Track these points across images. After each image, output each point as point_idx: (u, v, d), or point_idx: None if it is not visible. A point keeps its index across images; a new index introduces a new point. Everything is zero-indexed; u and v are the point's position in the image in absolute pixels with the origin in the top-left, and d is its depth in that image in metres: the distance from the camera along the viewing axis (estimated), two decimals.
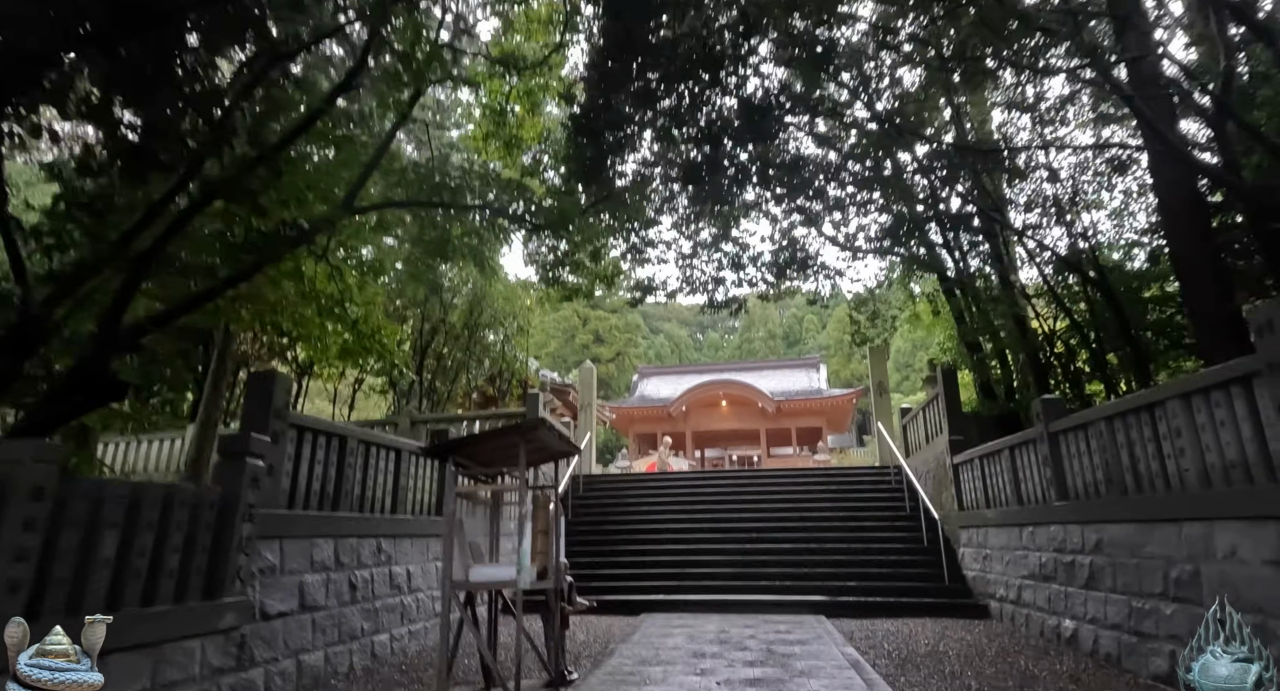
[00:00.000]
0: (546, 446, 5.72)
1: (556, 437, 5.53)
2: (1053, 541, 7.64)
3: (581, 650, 7.48)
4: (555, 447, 5.85)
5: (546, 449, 5.86)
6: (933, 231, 11.20)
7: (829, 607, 9.87)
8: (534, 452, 5.88)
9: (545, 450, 5.90)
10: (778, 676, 5.87)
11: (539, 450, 5.87)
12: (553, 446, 5.78)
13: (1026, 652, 6.97)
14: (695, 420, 35.43)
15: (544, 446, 5.72)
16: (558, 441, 5.63)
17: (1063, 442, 7.57)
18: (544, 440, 5.33)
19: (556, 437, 5.53)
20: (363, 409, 17.38)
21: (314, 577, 6.01)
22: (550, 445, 5.69)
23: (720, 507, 13.49)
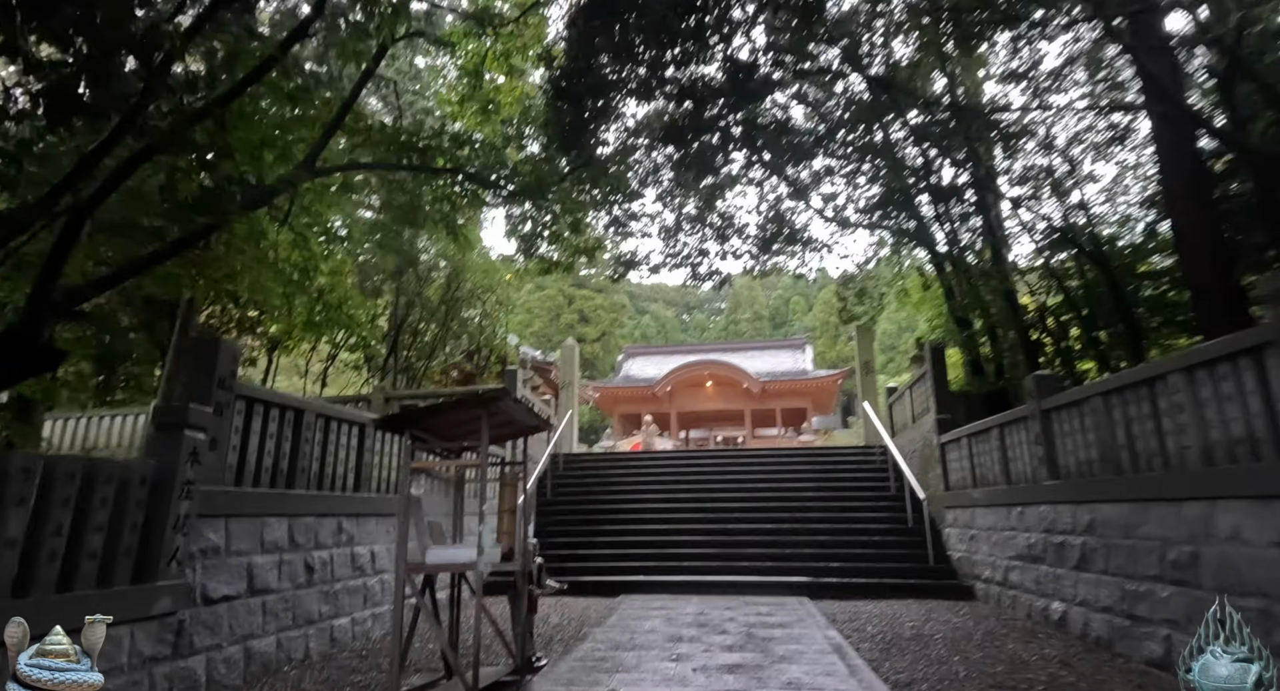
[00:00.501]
0: (513, 420, 5.35)
1: (524, 410, 5.16)
2: (1042, 522, 7.40)
3: (554, 633, 7.18)
4: (523, 421, 5.48)
5: (513, 423, 5.49)
6: (923, 205, 10.86)
7: (812, 589, 9.64)
8: (500, 427, 5.50)
9: (512, 424, 5.53)
10: (757, 662, 5.59)
11: (505, 424, 5.49)
12: (521, 420, 5.41)
13: (1014, 635, 6.74)
14: (680, 400, 35.19)
15: (511, 420, 5.35)
16: (526, 414, 5.26)
17: (1055, 420, 7.31)
18: (510, 412, 4.96)
19: (524, 410, 5.16)
20: (337, 385, 16.92)
21: (265, 559, 5.64)
22: (518, 418, 5.32)
23: (703, 487, 13.23)
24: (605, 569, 10.63)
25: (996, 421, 8.81)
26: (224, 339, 5.47)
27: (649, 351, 43.08)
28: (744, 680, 5.02)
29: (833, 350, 57.01)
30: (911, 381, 13.18)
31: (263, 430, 5.84)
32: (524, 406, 5.17)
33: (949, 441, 10.63)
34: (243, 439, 5.60)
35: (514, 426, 5.70)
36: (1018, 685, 4.98)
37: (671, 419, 35.13)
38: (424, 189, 8.95)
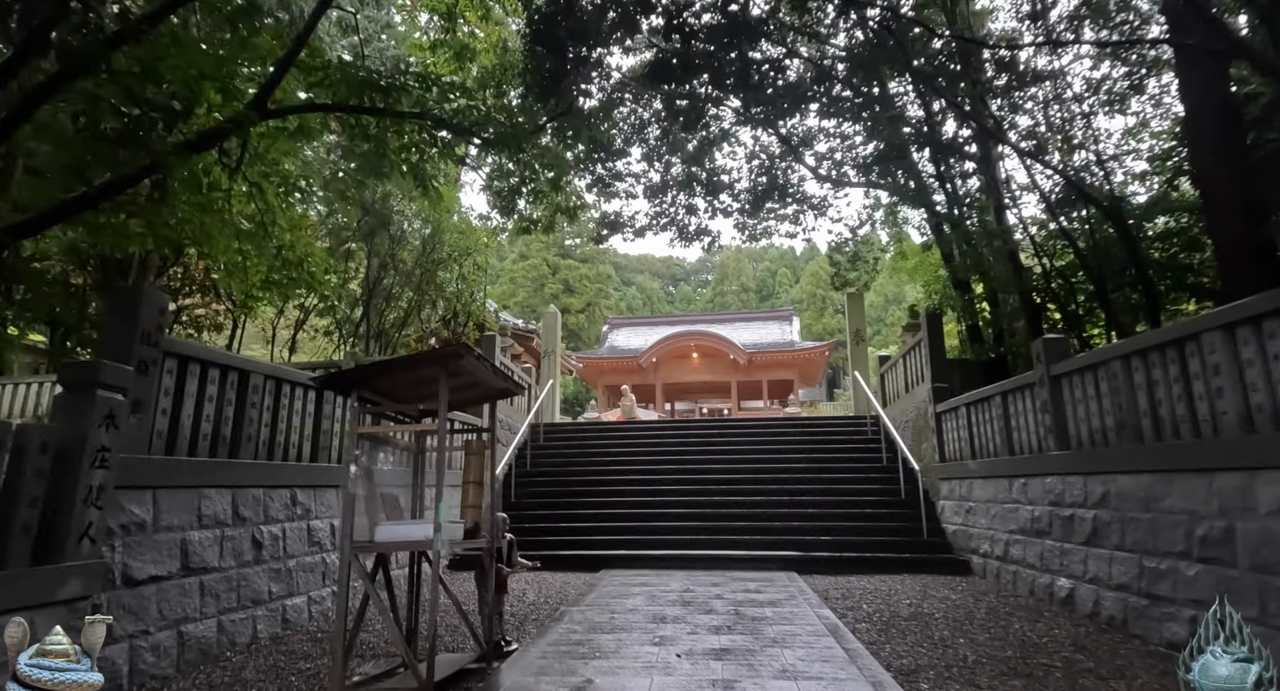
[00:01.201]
0: (480, 382, 4.78)
1: (490, 370, 4.59)
2: (1049, 494, 6.97)
3: (529, 612, 6.71)
4: (492, 384, 4.92)
5: (480, 385, 4.92)
6: (923, 162, 10.26)
7: (801, 563, 9.23)
8: (463, 389, 4.94)
9: (478, 386, 4.97)
10: (747, 645, 5.13)
11: (470, 387, 4.93)
12: (488, 382, 4.84)
13: (1019, 614, 6.34)
14: (665, 372, 34.73)
15: (476, 382, 4.78)
16: (492, 375, 4.68)
17: (1066, 386, 6.84)
18: (473, 372, 4.38)
19: (490, 370, 4.59)
20: (309, 352, 16.22)
21: (203, 534, 5.07)
22: (485, 380, 4.75)
23: (688, 458, 12.77)
24: (586, 542, 10.18)
25: (998, 389, 8.35)
26: (147, 286, 4.84)
27: (634, 322, 42.51)
28: (734, 667, 4.55)
29: (819, 323, 56.80)
30: (905, 350, 12.72)
31: (200, 393, 5.23)
32: (491, 366, 4.60)
33: (945, 411, 10.20)
34: (175, 402, 4.99)
35: (481, 389, 5.14)
36: (1032, 671, 4.54)
37: (657, 391, 34.71)
38: (390, 136, 8.21)
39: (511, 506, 11.39)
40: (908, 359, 12.42)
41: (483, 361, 4.39)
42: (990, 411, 8.59)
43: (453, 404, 5.32)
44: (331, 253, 14.33)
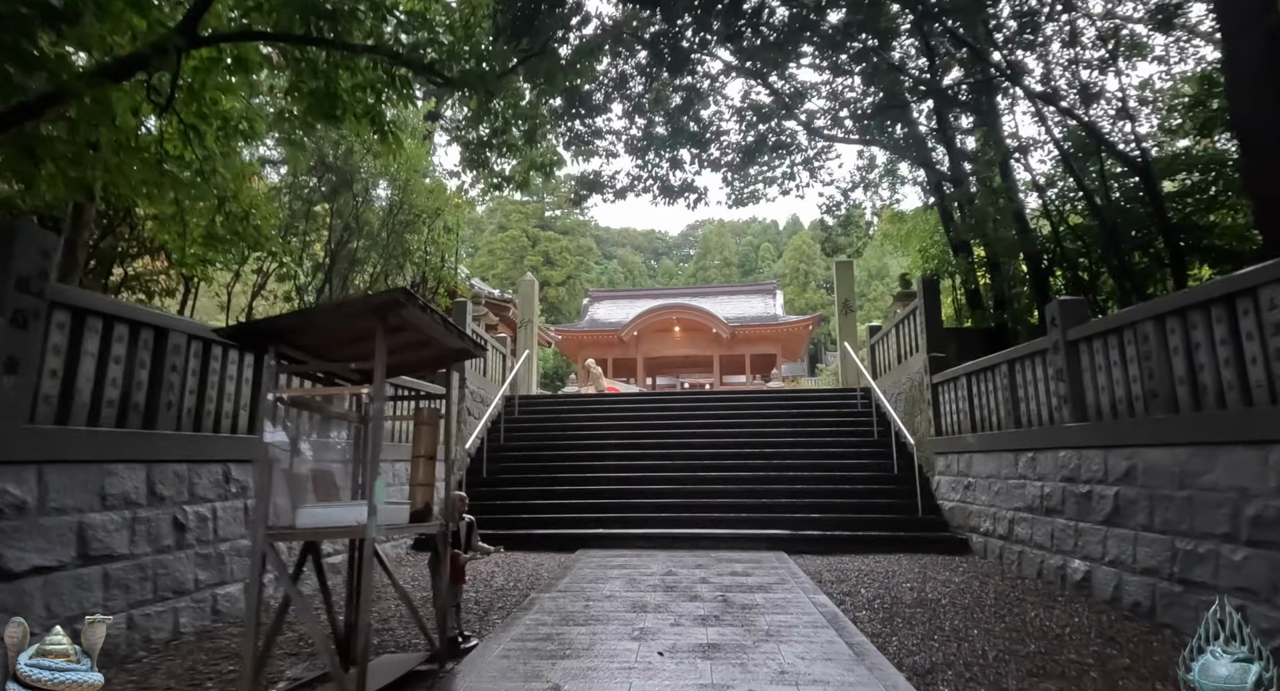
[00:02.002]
0: (430, 339, 4.06)
1: (442, 326, 3.87)
2: (1062, 469, 6.43)
3: (496, 599, 6.07)
4: (445, 342, 4.20)
5: (431, 344, 4.20)
6: (923, 117, 9.57)
7: (790, 543, 8.69)
8: (411, 349, 4.23)
9: (429, 346, 4.25)
10: (738, 640, 4.53)
11: (419, 345, 4.21)
12: (441, 340, 4.12)
13: (1031, 599, 5.81)
14: (647, 346, 34.09)
15: (426, 339, 4.06)
16: (445, 332, 3.97)
17: (1084, 352, 6.26)
18: (419, 326, 3.66)
19: (442, 326, 3.87)
20: None
21: (107, 517, 4.35)
22: (436, 337, 4.03)
23: (670, 432, 12.17)
24: (561, 521, 9.56)
25: (1004, 357, 7.79)
26: (21, 221, 4.06)
27: (616, 295, 41.72)
28: (725, 669, 3.95)
29: (801, 298, 56.41)
30: (898, 319, 12.15)
31: (103, 352, 4.47)
32: (443, 321, 3.88)
33: (942, 382, 9.65)
34: (69, 363, 4.23)
35: (434, 349, 4.42)
36: (1064, 670, 3.99)
37: (638, 365, 34.10)
38: (341, 74, 7.36)
39: (483, 482, 10.74)
40: (900, 329, 11.86)
41: (430, 314, 3.67)
42: (994, 381, 8.03)
43: (400, 366, 4.62)
44: (293, 214, 13.43)
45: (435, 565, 4.47)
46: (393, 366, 4.58)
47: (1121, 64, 7.88)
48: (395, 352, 4.23)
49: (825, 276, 63.21)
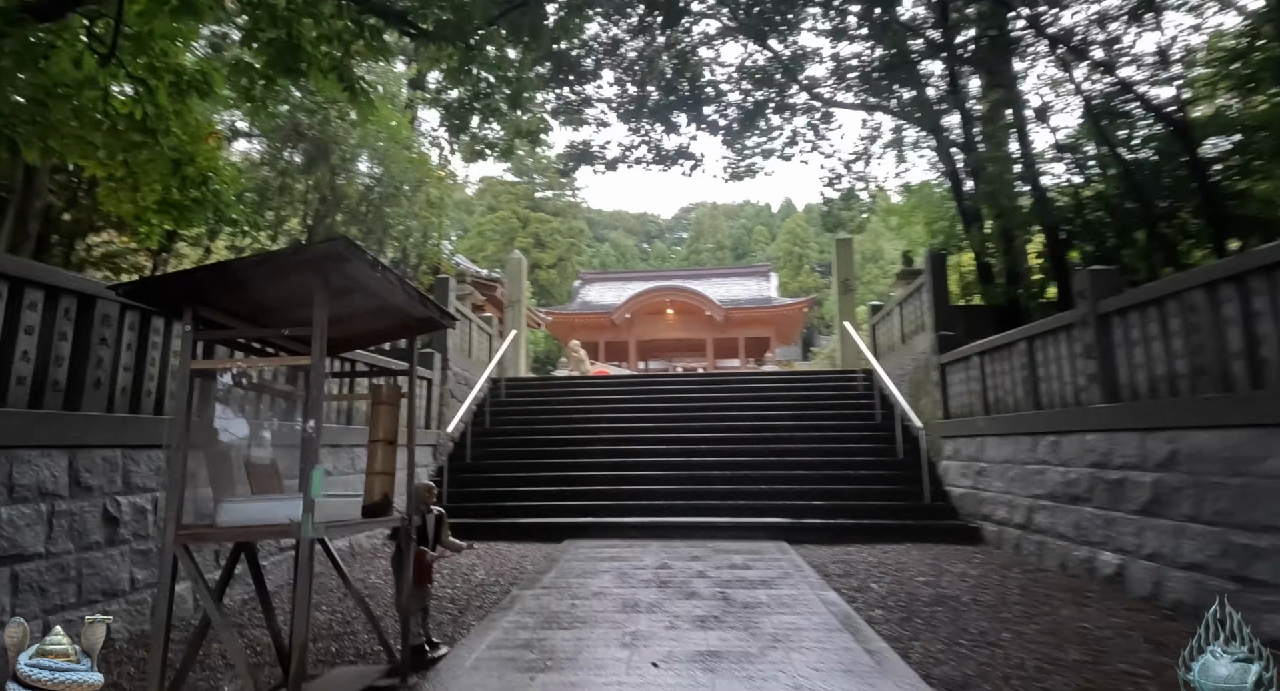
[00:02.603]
0: (386, 304, 3.48)
1: (399, 288, 3.29)
2: (1089, 453, 5.93)
3: (474, 597, 5.54)
4: (406, 308, 3.61)
5: (389, 310, 3.62)
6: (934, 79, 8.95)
7: (791, 532, 8.20)
8: (366, 317, 3.64)
9: (387, 313, 3.67)
10: (742, 646, 4.02)
11: (376, 312, 3.63)
12: (399, 305, 3.54)
13: (1059, 596, 5.32)
14: (640, 329, 33.51)
15: (381, 305, 3.48)
16: (404, 296, 3.38)
17: (1117, 326, 5.74)
18: (370, 286, 3.08)
19: (399, 288, 3.29)
20: None
21: (17, 511, 3.76)
22: (393, 302, 3.45)
23: (664, 416, 11.64)
24: (549, 509, 9.04)
25: (1023, 334, 7.27)
26: None
27: (608, 277, 41.09)
28: (730, 685, 3.43)
29: (795, 281, 55.86)
30: (901, 297, 11.64)
31: (10, 322, 3.86)
32: (400, 283, 3.30)
33: (951, 361, 9.14)
34: None
35: (394, 318, 3.84)
36: (1117, 685, 3.48)
37: (630, 348, 33.55)
38: (304, 23, 6.71)
39: (467, 468, 10.20)
40: (904, 307, 11.35)
41: (384, 273, 3.09)
42: (1011, 360, 7.52)
43: (356, 337, 4.05)
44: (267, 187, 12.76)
45: (398, 563, 3.92)
46: (346, 337, 4.02)
47: (1154, 17, 7.24)
48: (346, 321, 3.66)
49: (820, 259, 62.72)
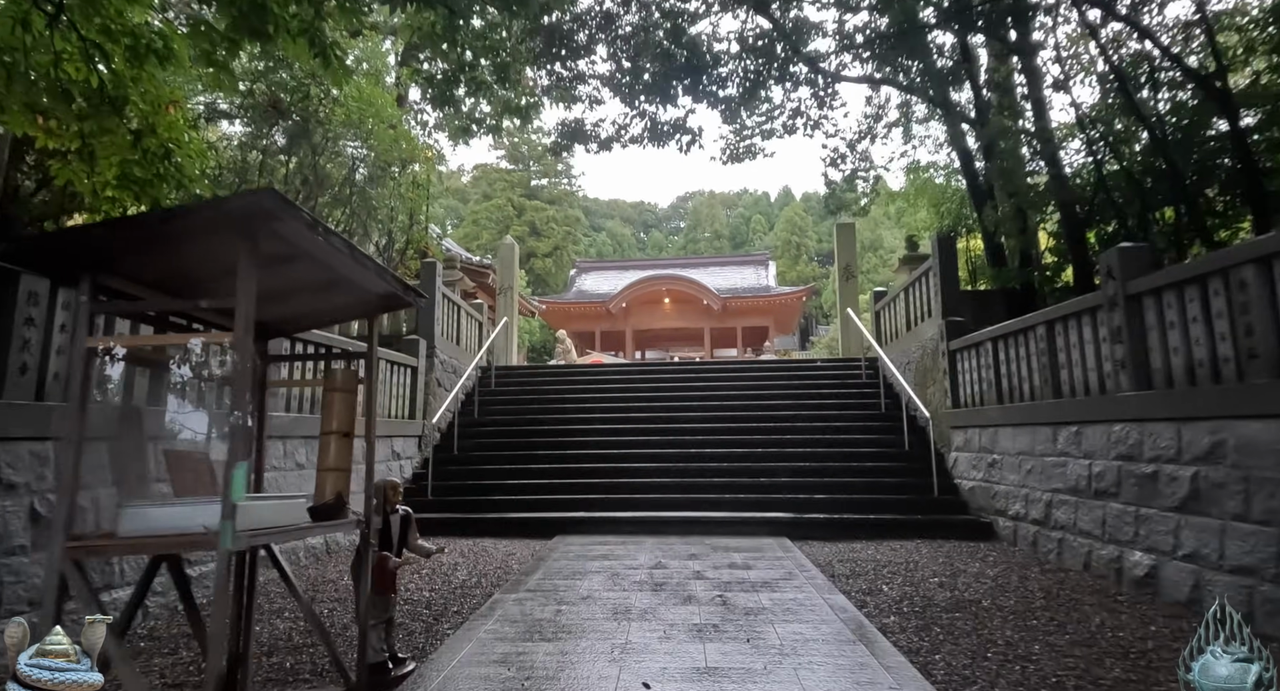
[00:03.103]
0: (337, 276, 2.99)
1: (347, 254, 2.80)
2: (1117, 445, 5.50)
3: (452, 600, 5.11)
4: (358, 281, 3.12)
5: (341, 283, 3.13)
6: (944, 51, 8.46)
7: (793, 527, 7.78)
8: (313, 290, 3.16)
9: (337, 285, 3.18)
10: (745, 662, 3.58)
11: (325, 286, 3.14)
12: (351, 276, 3.04)
13: (1087, 600, 4.90)
14: (636, 318, 33.04)
15: (332, 277, 2.99)
16: (355, 266, 2.89)
17: (1150, 307, 5.29)
18: (307, 249, 2.60)
19: (347, 254, 2.80)
20: None
21: None
22: (342, 270, 2.96)
23: (660, 406, 11.20)
24: (539, 503, 8.61)
25: (1041, 318, 6.83)
26: None
27: (604, 266, 40.60)
28: None
29: (793, 270, 55.39)
30: (907, 282, 11.18)
31: None
32: (350, 250, 2.82)
33: (961, 348, 8.70)
34: None
35: (350, 292, 3.34)
36: None
37: (626, 337, 33.09)
38: None
39: (453, 460, 9.76)
40: (910, 292, 10.88)
41: (328, 237, 2.62)
42: (1028, 346, 7.08)
43: (303, 315, 3.57)
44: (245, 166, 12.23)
45: (357, 571, 3.48)
46: (297, 316, 3.54)
47: None
48: (292, 296, 3.19)
49: (818, 249, 62.23)
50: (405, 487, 9.19)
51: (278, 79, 11.67)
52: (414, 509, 4.11)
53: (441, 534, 7.94)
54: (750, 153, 12.80)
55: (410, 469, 9.40)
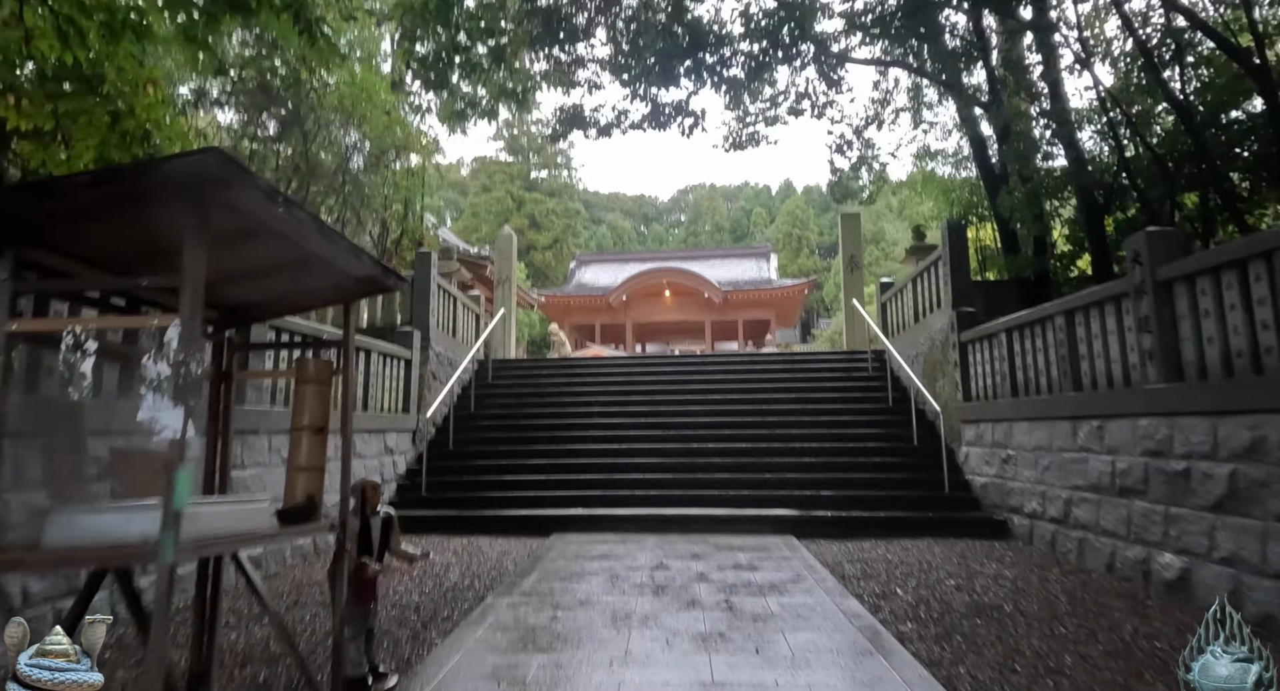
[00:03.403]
0: (305, 254, 2.69)
1: (313, 229, 2.50)
2: (1144, 440, 5.21)
3: (442, 604, 4.83)
4: (330, 260, 2.82)
5: (309, 261, 2.82)
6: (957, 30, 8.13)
7: (800, 525, 7.50)
8: (278, 271, 2.87)
9: (308, 265, 2.87)
10: (756, 677, 3.31)
11: (294, 267, 2.84)
12: (322, 254, 2.74)
13: (1115, 605, 4.63)
14: (636, 311, 32.72)
15: (299, 254, 2.69)
16: (325, 243, 2.59)
17: (1181, 294, 5.00)
18: (266, 221, 2.30)
19: (313, 229, 2.50)
20: None
21: None
22: (303, 244, 2.65)
23: (661, 399, 10.91)
24: (536, 499, 8.34)
25: (1060, 307, 6.53)
26: None
27: (604, 258, 40.26)
28: None
29: (794, 264, 55.02)
30: (914, 273, 10.88)
31: None
32: (316, 223, 2.52)
33: (973, 340, 8.41)
34: None
35: (319, 273, 3.04)
36: None
37: (627, 331, 32.80)
38: None
39: (449, 455, 9.49)
40: (918, 283, 10.58)
41: (290, 208, 2.32)
42: (1046, 336, 6.78)
43: (274, 300, 3.29)
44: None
45: (334, 579, 3.19)
46: (268, 301, 3.25)
47: None
48: (258, 276, 2.90)
49: (819, 242, 61.85)
50: (399, 483, 8.93)
51: (269, 65, 11.35)
52: (408, 505, 3.86)
53: (435, 532, 7.67)
54: (753, 140, 12.47)
55: (404, 464, 9.13)
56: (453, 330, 11.41)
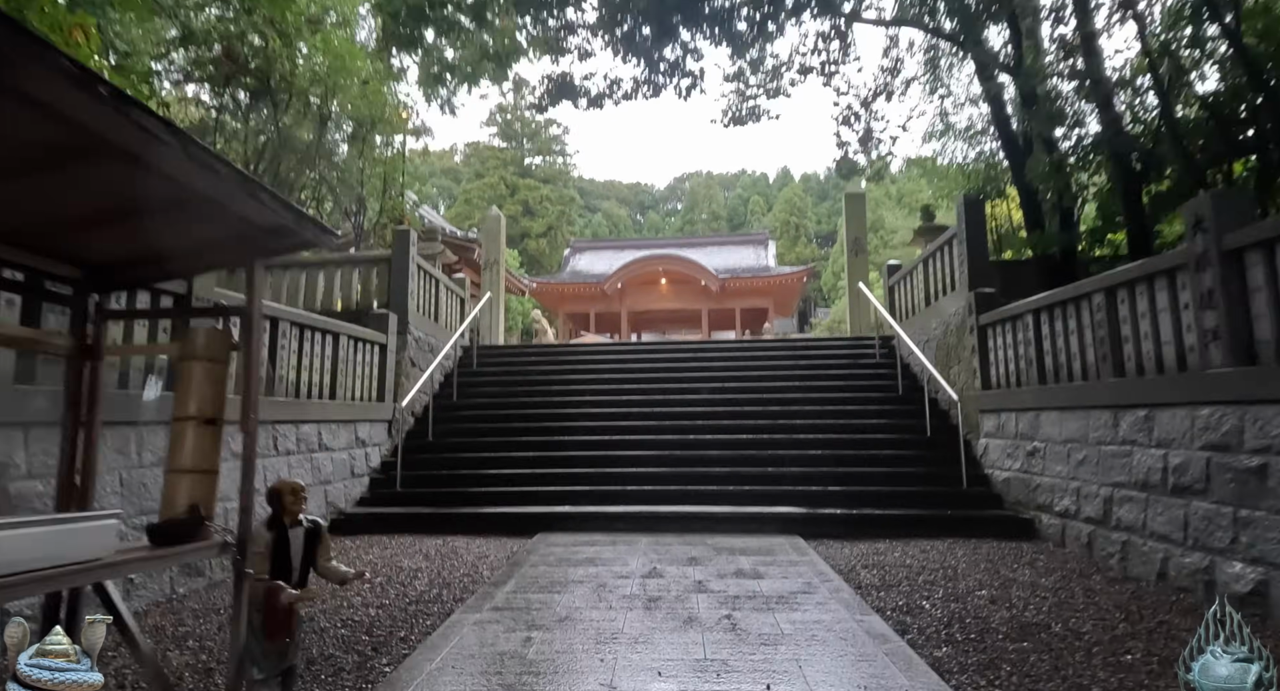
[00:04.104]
0: (178, 186, 2.02)
1: (174, 147, 1.83)
2: (1204, 432, 4.57)
3: (400, 621, 4.17)
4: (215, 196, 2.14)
5: (195, 202, 2.15)
6: None
7: (807, 524, 6.87)
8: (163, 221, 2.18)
9: (194, 207, 2.20)
10: None
11: (178, 210, 2.17)
12: (210, 193, 2.08)
13: (1178, 624, 3.98)
14: (632, 299, 32.00)
15: (175, 192, 2.02)
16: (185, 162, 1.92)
17: (1254, 265, 4.34)
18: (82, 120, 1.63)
19: (174, 147, 1.83)
20: None
21: None
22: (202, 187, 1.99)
23: (657, 388, 10.26)
24: (520, 496, 7.69)
25: (1098, 284, 5.87)
26: None
27: (599, 246, 39.46)
28: None
29: (792, 252, 54.35)
30: (925, 254, 10.22)
31: None
32: (169, 131, 1.83)
33: (993, 323, 7.77)
34: None
35: (216, 220, 2.36)
36: None
37: (622, 319, 32.10)
38: None
39: (428, 447, 8.84)
40: (929, 264, 9.93)
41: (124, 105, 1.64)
42: (1080, 317, 6.13)
43: (157, 255, 2.60)
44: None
45: (237, 606, 2.52)
46: (151, 256, 2.56)
47: None
48: (115, 220, 2.21)
49: (817, 230, 61.18)
50: (372, 477, 8.25)
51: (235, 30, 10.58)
52: (381, 502, 3.22)
53: (409, 531, 7.03)
54: (754, 115, 11.77)
55: (378, 457, 8.47)
56: (434, 314, 10.73)
